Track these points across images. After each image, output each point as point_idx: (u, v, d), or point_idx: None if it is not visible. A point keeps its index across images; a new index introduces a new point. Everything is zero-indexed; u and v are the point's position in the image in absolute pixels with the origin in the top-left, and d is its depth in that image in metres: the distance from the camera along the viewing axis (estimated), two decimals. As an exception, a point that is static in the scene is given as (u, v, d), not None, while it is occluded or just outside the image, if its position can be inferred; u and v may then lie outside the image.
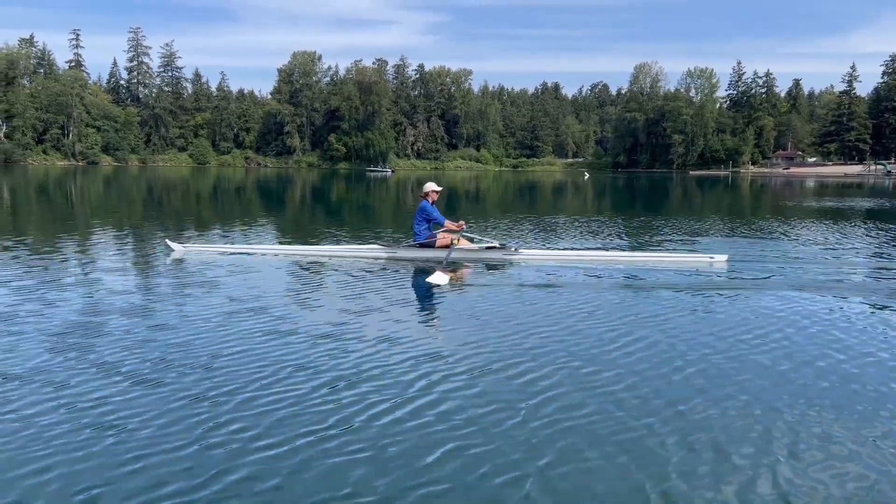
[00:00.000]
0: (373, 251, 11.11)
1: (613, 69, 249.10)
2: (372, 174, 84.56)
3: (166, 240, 11.91)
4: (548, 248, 12.32)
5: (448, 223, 11.01)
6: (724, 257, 10.91)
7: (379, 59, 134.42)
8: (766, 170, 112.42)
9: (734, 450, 3.92)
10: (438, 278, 8.78)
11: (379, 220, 22.19)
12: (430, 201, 11.04)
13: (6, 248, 11.66)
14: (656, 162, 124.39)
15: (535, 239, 14.78)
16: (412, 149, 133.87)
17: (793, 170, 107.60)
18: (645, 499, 3.39)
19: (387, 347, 5.83)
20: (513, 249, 10.93)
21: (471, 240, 11.12)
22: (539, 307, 7.51)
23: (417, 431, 4.10)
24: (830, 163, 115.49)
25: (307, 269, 10.07)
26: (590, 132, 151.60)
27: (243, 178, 64.68)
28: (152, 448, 3.82)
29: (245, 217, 21.64)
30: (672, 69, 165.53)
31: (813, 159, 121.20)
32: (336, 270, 9.88)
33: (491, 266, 10.36)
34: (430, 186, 11.19)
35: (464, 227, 11.23)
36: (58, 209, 24.29)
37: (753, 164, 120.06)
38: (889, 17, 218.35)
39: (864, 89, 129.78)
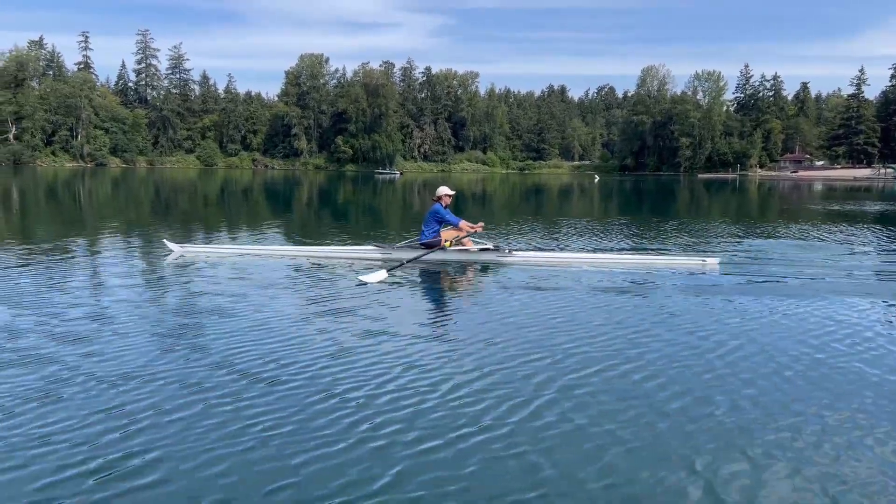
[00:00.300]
0: (368, 252, 11.13)
1: (620, 72, 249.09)
2: (380, 176, 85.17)
3: (164, 239, 12.02)
4: (541, 250, 12.34)
5: (464, 224, 10.99)
6: (717, 260, 10.91)
7: (386, 62, 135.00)
8: (773, 173, 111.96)
9: (724, 449, 3.94)
10: (370, 277, 8.96)
11: (385, 222, 22.21)
12: (444, 205, 11.09)
13: (8, 248, 11.77)
14: (663, 165, 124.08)
15: (537, 240, 14.83)
16: (419, 151, 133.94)
17: (800, 173, 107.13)
18: (640, 498, 3.41)
19: (372, 346, 5.89)
20: (506, 251, 10.99)
21: (487, 240, 11.21)
22: (529, 309, 7.53)
23: (408, 430, 4.13)
24: (839, 166, 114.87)
25: (301, 270, 10.07)
26: (596, 135, 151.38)
27: (250, 180, 64.86)
28: (146, 445, 3.86)
29: (250, 219, 21.73)
30: (679, 72, 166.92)
31: (821, 162, 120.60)
32: (330, 271, 9.93)
33: (485, 268, 10.45)
34: (444, 190, 11.26)
35: (480, 229, 11.20)
36: (65, 210, 24.44)
37: (761, 167, 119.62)
38: (889, 23, 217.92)
39: (872, 92, 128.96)
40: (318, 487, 3.47)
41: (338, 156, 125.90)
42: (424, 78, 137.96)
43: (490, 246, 11.07)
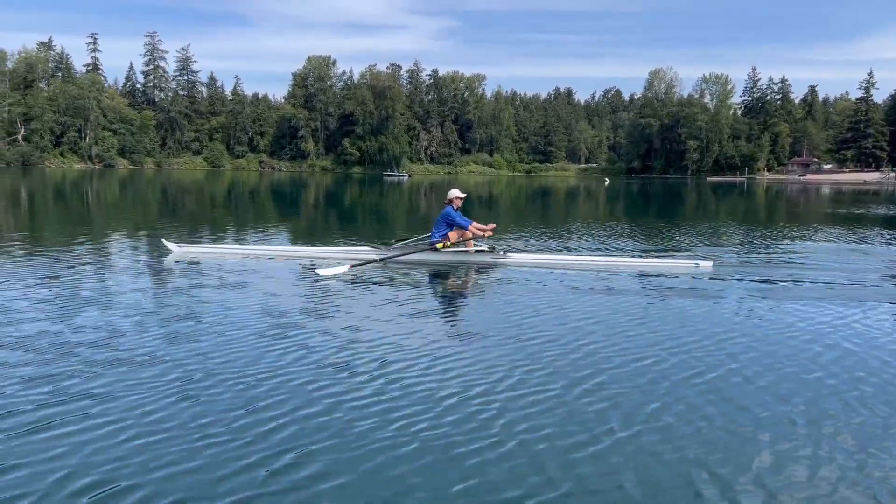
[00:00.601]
0: (363, 253, 11.11)
1: (627, 74, 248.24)
2: (388, 178, 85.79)
3: (162, 239, 12.06)
4: (535, 252, 12.36)
5: (475, 227, 11.07)
6: (710, 263, 10.85)
7: (393, 64, 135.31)
8: (781, 176, 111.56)
9: (714, 451, 3.95)
10: (328, 270, 9.36)
11: (392, 223, 22.23)
12: (455, 207, 11.16)
13: (10, 248, 11.84)
14: (671, 168, 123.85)
15: (538, 242, 14.89)
16: (426, 153, 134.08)
17: (808, 177, 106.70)
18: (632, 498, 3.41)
19: (364, 346, 5.95)
20: (501, 253, 11.07)
21: (485, 242, 11.26)
22: (518, 311, 7.54)
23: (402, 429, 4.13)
24: (847, 169, 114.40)
25: (294, 271, 10.09)
26: (602, 138, 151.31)
27: (257, 181, 65.03)
28: (143, 439, 3.87)
29: (255, 220, 21.77)
30: (686, 75, 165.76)
31: (828, 166, 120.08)
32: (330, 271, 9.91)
33: (479, 269, 10.51)
34: (455, 193, 11.33)
35: (490, 231, 11.32)
36: (72, 211, 24.56)
37: (769, 170, 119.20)
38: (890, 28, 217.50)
39: (880, 96, 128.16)
40: (318, 484, 3.47)
41: (345, 158, 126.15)
42: (431, 80, 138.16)
43: (484, 247, 11.13)
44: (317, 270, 9.47)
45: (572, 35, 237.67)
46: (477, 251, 10.99)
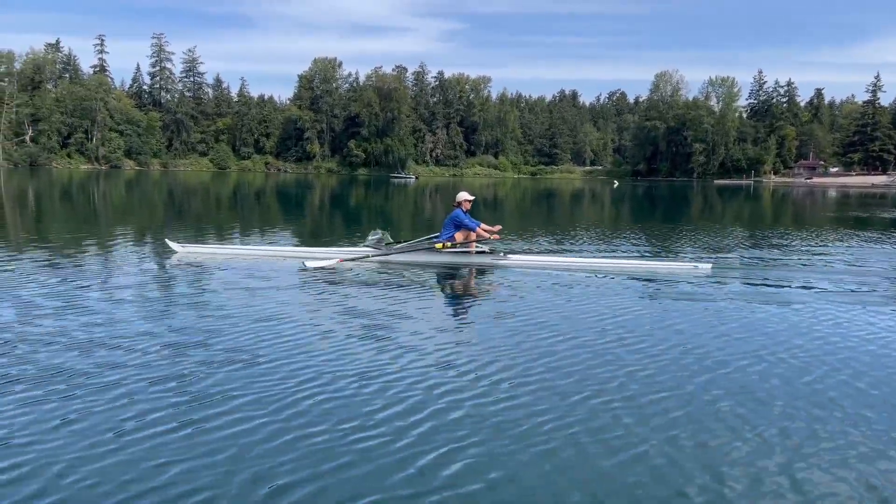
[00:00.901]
0: (364, 253, 11.14)
1: (632, 77, 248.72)
2: (396, 180, 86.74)
3: (166, 239, 12.12)
4: (536, 254, 12.43)
5: (482, 228, 11.25)
6: (709, 265, 10.92)
7: (398, 66, 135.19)
8: (788, 179, 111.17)
9: (717, 449, 3.95)
10: (315, 262, 9.79)
11: (399, 225, 22.22)
12: (464, 210, 11.34)
13: (17, 246, 11.89)
14: (676, 171, 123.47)
15: (541, 244, 15.05)
16: (431, 155, 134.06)
17: (815, 180, 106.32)
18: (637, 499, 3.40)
19: (365, 346, 6.00)
20: (501, 254, 11.19)
21: (483, 242, 11.34)
22: (517, 312, 7.62)
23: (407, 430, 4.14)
24: (854, 173, 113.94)
25: (294, 271, 10.10)
26: (607, 140, 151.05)
27: (263, 183, 65.14)
28: (145, 442, 3.88)
29: (261, 221, 21.81)
30: (691, 78, 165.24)
31: (835, 169, 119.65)
32: (327, 272, 9.96)
33: (480, 270, 10.63)
34: (464, 196, 11.50)
35: (497, 234, 11.47)
36: (79, 211, 24.65)
37: (775, 173, 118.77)
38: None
39: (886, 99, 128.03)
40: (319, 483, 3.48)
41: (350, 160, 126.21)
42: (437, 82, 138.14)
43: (485, 249, 11.27)
44: (305, 262, 9.78)
45: (576, 37, 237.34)
46: (477, 252, 11.11)
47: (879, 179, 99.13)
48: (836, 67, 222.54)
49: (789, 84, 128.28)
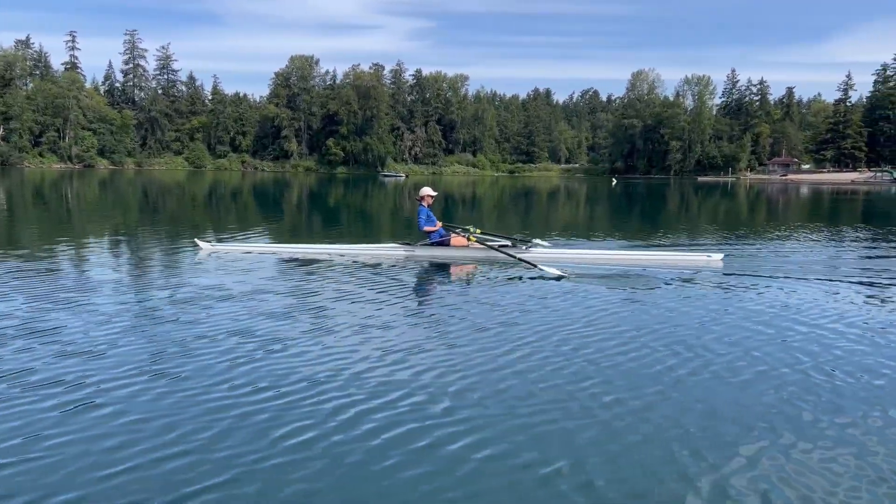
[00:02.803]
0: (392, 249, 11.52)
1: (603, 76, 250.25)
2: (386, 179, 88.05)
3: (195, 238, 12.38)
4: (556, 247, 12.70)
5: (426, 229, 11.44)
6: (720, 256, 11.38)
7: (376, 64, 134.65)
8: (764, 176, 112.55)
9: (728, 439, 4.00)
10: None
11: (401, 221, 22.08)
12: (426, 205, 11.53)
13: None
14: (653, 168, 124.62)
15: (561, 238, 15.86)
16: (410, 153, 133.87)
17: (790, 177, 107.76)
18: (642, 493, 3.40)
19: (392, 337, 6.23)
20: (523, 248, 11.38)
21: (483, 241, 11.44)
22: (546, 302, 7.90)
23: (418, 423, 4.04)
24: (825, 170, 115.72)
25: (331, 266, 10.40)
26: (582, 138, 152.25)
27: (240, 182, 64.45)
28: (165, 439, 3.76)
29: (265, 220, 21.53)
30: (664, 77, 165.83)
31: (807, 166, 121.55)
32: (359, 267, 10.35)
33: (501, 263, 10.78)
34: (426, 191, 11.72)
35: (440, 225, 11.63)
36: (52, 212, 24.14)
37: (750, 170, 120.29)
38: (867, 28, 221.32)
39: (853, 97, 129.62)
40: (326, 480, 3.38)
41: (329, 158, 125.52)
42: (414, 80, 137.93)
43: (508, 243, 11.57)
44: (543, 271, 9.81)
45: (548, 37, 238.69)
46: (500, 247, 11.27)
47: (861, 176, 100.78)
48: (800, 67, 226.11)
49: (761, 82, 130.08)
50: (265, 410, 4.40)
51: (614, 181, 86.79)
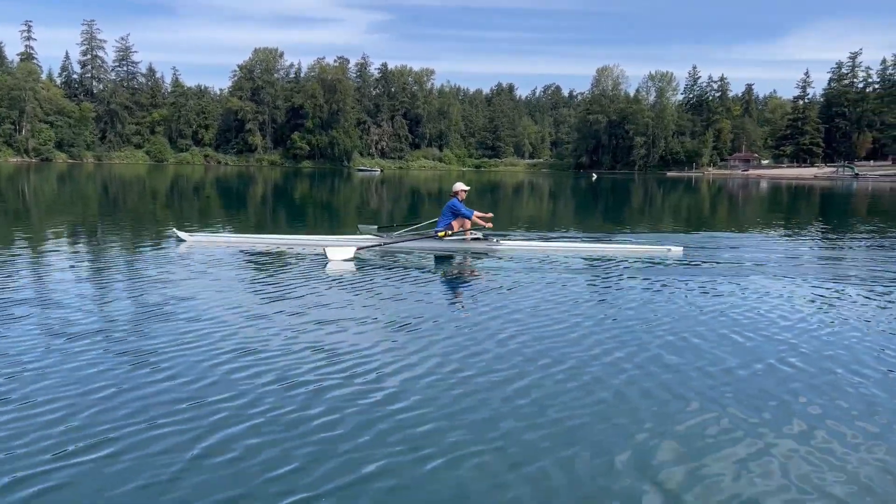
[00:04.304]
0: (367, 240, 11.75)
1: (565, 71, 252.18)
2: (361, 173, 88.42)
3: (174, 229, 12.54)
4: (526, 240, 13.25)
5: (475, 217, 11.97)
6: (680, 248, 11.95)
7: (340, 58, 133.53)
8: (726, 171, 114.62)
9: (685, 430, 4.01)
10: (336, 253, 10.07)
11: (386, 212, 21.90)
12: (460, 199, 12.12)
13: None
14: (618, 163, 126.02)
15: (531, 232, 16.16)
16: (376, 148, 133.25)
17: (752, 172, 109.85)
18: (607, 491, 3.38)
19: (363, 330, 6.21)
20: (495, 241, 11.92)
21: (481, 231, 12.07)
22: (510, 293, 8.06)
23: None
24: (783, 165, 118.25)
25: (305, 257, 10.57)
26: (545, 133, 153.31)
27: (203, 176, 63.34)
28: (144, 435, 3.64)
29: (236, 215, 21.18)
30: (629, 73, 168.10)
31: (766, 161, 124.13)
32: (345, 260, 10.32)
33: (476, 255, 11.31)
34: (459, 186, 12.33)
35: (489, 223, 12.06)
36: (9, 207, 23.45)
37: (712, 165, 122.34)
38: (819, 28, 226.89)
39: (790, 93, 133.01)
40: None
41: (294, 152, 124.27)
42: (380, 74, 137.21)
43: (479, 235, 12.02)
44: (326, 250, 10.16)
45: (507, 32, 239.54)
46: (473, 238, 11.89)
47: (823, 171, 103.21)
48: (752, 64, 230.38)
49: (722, 79, 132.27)
50: (256, 399, 4.35)
51: (594, 176, 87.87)
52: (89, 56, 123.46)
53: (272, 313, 6.73)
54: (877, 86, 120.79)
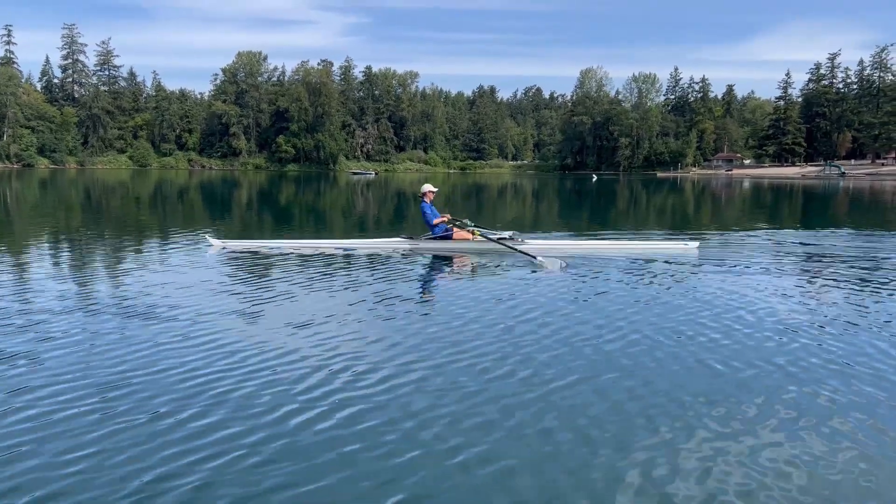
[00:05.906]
0: (398, 243, 11.98)
1: (545, 73, 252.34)
2: (356, 176, 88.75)
3: (206, 235, 12.75)
4: (550, 239, 13.57)
5: (437, 220, 12.01)
6: (696, 244, 12.42)
7: (324, 60, 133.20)
8: (710, 171, 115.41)
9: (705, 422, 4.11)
10: (550, 263, 9.96)
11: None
12: (428, 200, 12.13)
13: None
14: (603, 164, 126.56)
15: (555, 231, 16.95)
16: (361, 150, 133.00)
17: (735, 171, 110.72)
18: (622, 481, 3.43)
19: (402, 327, 6.41)
20: (520, 240, 11.99)
21: (484, 235, 12.05)
22: (542, 290, 8.29)
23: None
24: (765, 165, 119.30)
25: (340, 260, 10.71)
26: (528, 135, 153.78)
27: (186, 180, 62.83)
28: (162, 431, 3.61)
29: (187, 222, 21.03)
30: (612, 75, 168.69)
31: (748, 161, 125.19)
32: (366, 260, 10.64)
33: (501, 255, 11.28)
34: (427, 188, 12.30)
35: (447, 219, 12.14)
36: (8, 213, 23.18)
37: (696, 165, 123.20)
38: (793, 28, 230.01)
39: (771, 94, 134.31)
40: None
41: (279, 156, 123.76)
42: (364, 77, 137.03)
43: (506, 235, 12.11)
44: (541, 261, 10.06)
45: (485, 34, 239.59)
46: (499, 239, 11.83)
47: (811, 170, 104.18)
48: (725, 65, 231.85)
49: (703, 80, 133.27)
50: (281, 395, 4.50)
51: (594, 177, 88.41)
52: (70, 60, 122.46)
53: (303, 315, 6.81)
54: (854, 86, 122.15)
